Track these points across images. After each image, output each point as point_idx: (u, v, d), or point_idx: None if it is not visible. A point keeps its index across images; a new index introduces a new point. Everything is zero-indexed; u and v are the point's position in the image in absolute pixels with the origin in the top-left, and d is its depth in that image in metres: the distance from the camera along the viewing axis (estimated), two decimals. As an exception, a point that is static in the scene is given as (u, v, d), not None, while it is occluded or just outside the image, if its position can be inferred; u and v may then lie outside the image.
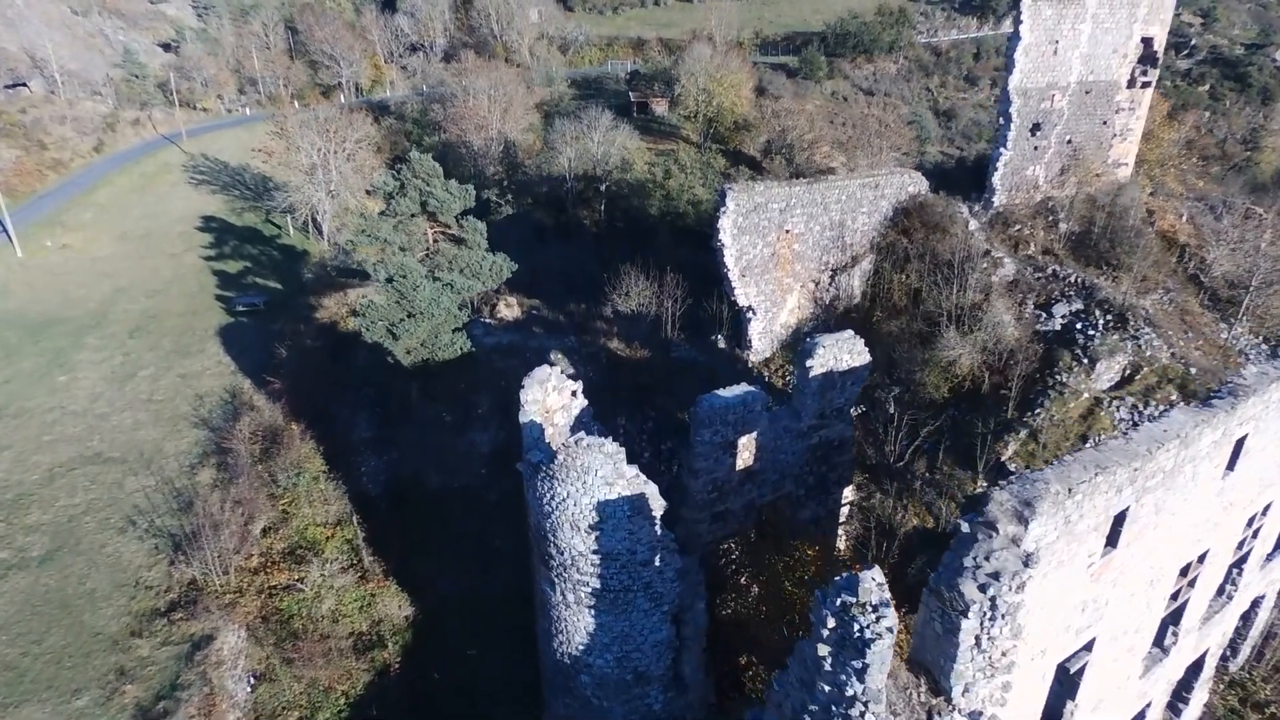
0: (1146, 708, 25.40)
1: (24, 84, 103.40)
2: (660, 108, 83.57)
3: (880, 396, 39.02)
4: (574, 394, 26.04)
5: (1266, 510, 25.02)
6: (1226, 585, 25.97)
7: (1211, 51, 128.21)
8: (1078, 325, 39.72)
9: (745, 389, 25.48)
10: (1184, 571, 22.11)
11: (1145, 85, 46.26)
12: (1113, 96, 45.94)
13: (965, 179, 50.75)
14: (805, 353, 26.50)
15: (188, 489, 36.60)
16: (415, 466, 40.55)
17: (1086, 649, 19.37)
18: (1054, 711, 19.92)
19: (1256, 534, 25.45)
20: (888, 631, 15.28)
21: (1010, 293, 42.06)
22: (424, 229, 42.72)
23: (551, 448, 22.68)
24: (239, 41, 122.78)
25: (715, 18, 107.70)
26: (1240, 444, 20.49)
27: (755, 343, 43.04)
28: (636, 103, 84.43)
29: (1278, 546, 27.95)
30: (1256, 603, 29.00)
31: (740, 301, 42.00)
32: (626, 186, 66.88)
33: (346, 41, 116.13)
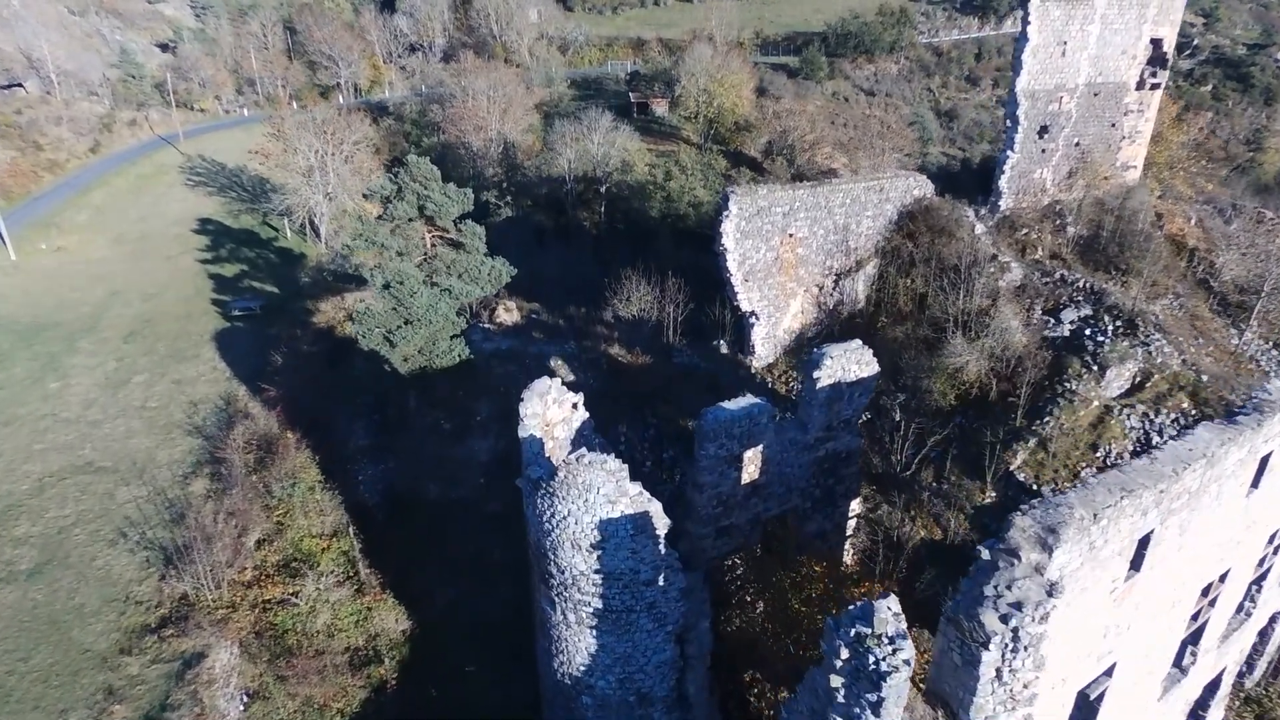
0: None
1: (20, 84, 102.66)
2: (660, 108, 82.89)
3: (886, 404, 38.29)
4: (575, 406, 25.33)
5: (1287, 526, 24.34)
6: (1245, 602, 25.29)
7: (1214, 52, 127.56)
8: (1087, 331, 39.08)
9: (751, 401, 24.76)
10: (1205, 591, 21.44)
11: (1154, 87, 45.59)
12: (1121, 98, 45.26)
13: (971, 182, 50.24)
14: (812, 363, 25.78)
15: (180, 500, 35.89)
16: (413, 475, 39.81)
17: (1107, 674, 18.70)
18: (1073, 739, 19.26)
19: (1278, 550, 24.78)
20: (905, 664, 14.59)
21: (1018, 298, 41.39)
22: (422, 233, 42.01)
23: (552, 463, 21.98)
24: (237, 42, 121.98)
25: (715, 18, 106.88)
26: (1265, 461, 19.82)
27: (758, 348, 42.43)
28: (636, 103, 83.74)
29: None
30: (1275, 618, 28.33)
31: (743, 306, 41.38)
32: (627, 188, 66.17)
33: (345, 42, 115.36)
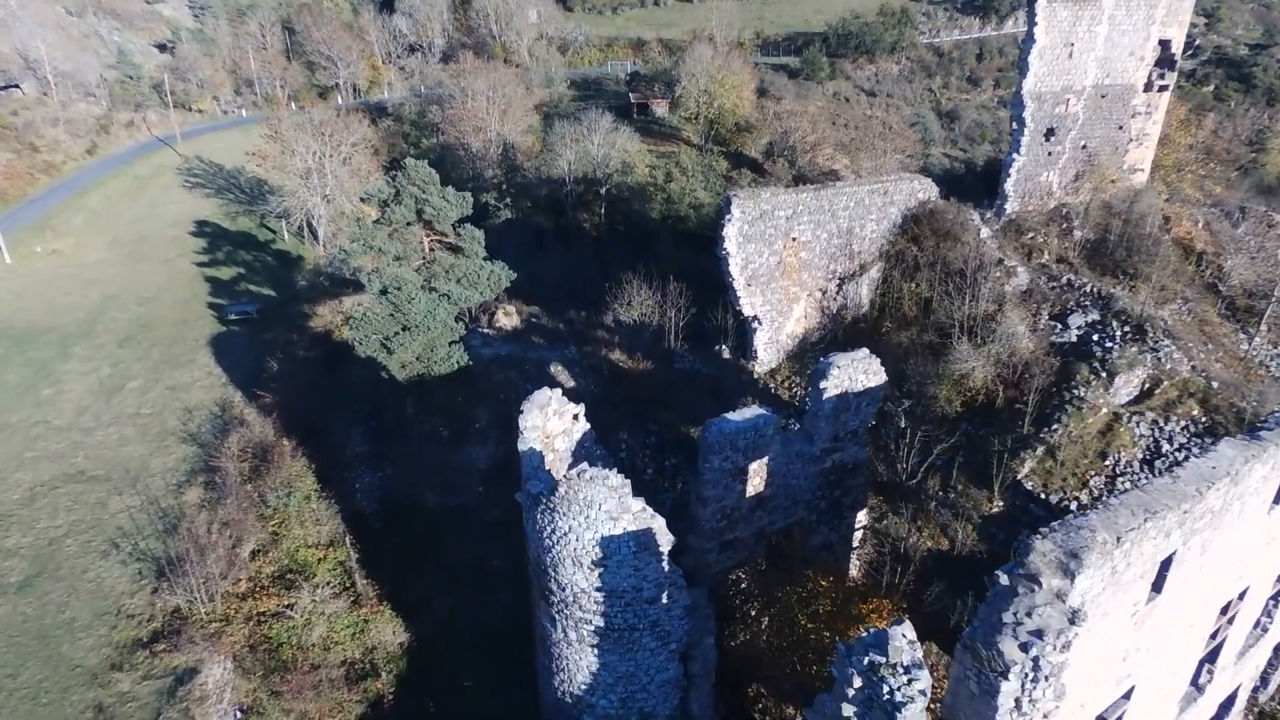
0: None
1: (16, 85, 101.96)
2: (661, 109, 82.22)
3: (890, 410, 37.72)
4: (575, 417, 24.73)
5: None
6: (1262, 619, 24.72)
7: (1216, 52, 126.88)
8: (1094, 337, 38.54)
9: (756, 412, 24.19)
10: (1224, 609, 20.86)
11: (1162, 89, 45.03)
12: (1129, 100, 44.68)
13: (976, 184, 49.60)
14: (819, 373, 25.19)
15: (174, 509, 35.27)
16: (411, 483, 39.19)
17: (1125, 698, 18.13)
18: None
19: (1295, 565, 24.20)
20: (920, 695, 14.04)
21: (1024, 303, 40.85)
22: (420, 237, 41.41)
23: (552, 477, 21.39)
24: (235, 42, 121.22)
25: (716, 18, 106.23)
26: (1287, 476, 19.22)
27: (761, 353, 41.89)
28: (637, 104, 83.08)
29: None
30: (1289, 632, 27.73)
31: (745, 311, 40.84)
32: (627, 189, 65.53)
33: (344, 42, 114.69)
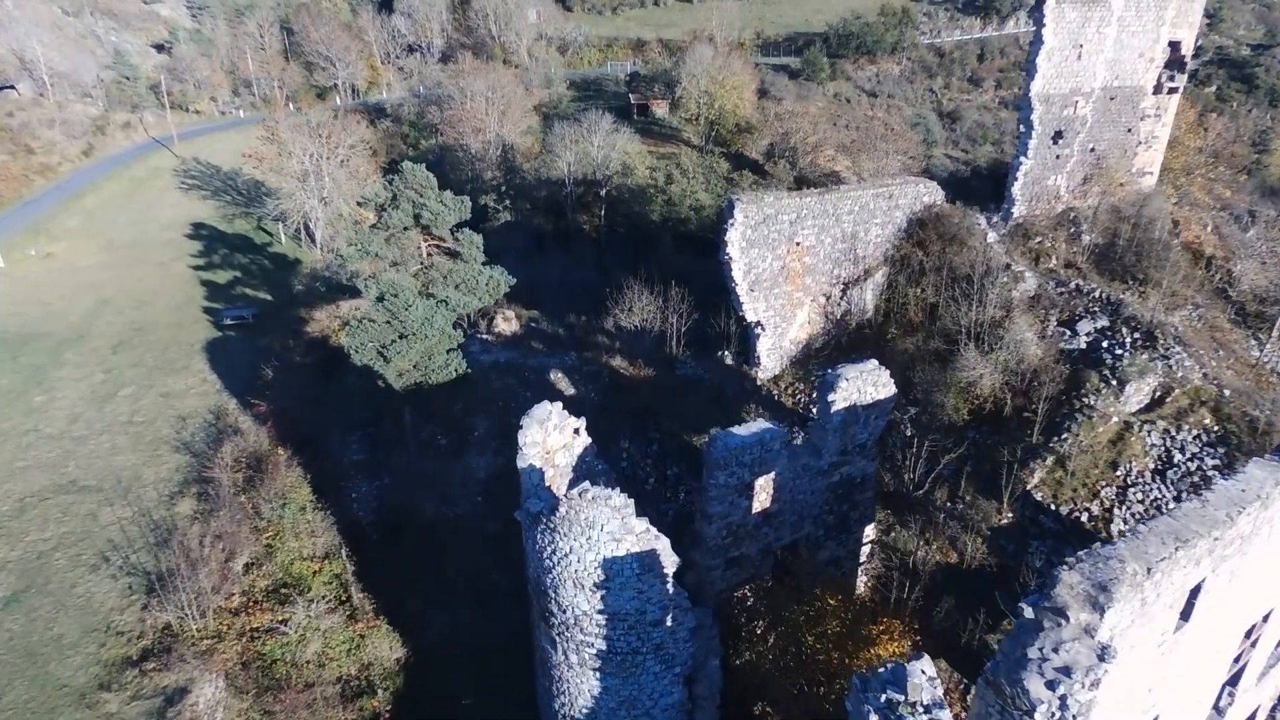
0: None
1: (12, 86, 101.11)
2: (661, 110, 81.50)
3: (897, 418, 37.04)
4: (576, 432, 24.02)
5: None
6: (1283, 638, 24.03)
7: (1218, 52, 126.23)
8: (1104, 344, 37.88)
9: (762, 425, 23.50)
10: (1248, 633, 20.18)
11: (1172, 91, 44.35)
12: (1138, 102, 43.99)
13: (981, 187, 48.99)
14: (827, 386, 24.49)
15: (166, 521, 34.52)
16: (408, 493, 38.46)
17: (1149, 728, 17.45)
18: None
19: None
20: (941, 734, 13.36)
21: (1032, 309, 40.18)
22: (417, 242, 40.64)
23: (553, 494, 20.70)
24: (233, 42, 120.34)
25: (716, 18, 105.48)
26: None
27: (764, 359, 41.25)
28: (637, 105, 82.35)
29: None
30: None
31: (748, 316, 40.21)
32: (627, 191, 64.87)
33: (343, 42, 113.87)
